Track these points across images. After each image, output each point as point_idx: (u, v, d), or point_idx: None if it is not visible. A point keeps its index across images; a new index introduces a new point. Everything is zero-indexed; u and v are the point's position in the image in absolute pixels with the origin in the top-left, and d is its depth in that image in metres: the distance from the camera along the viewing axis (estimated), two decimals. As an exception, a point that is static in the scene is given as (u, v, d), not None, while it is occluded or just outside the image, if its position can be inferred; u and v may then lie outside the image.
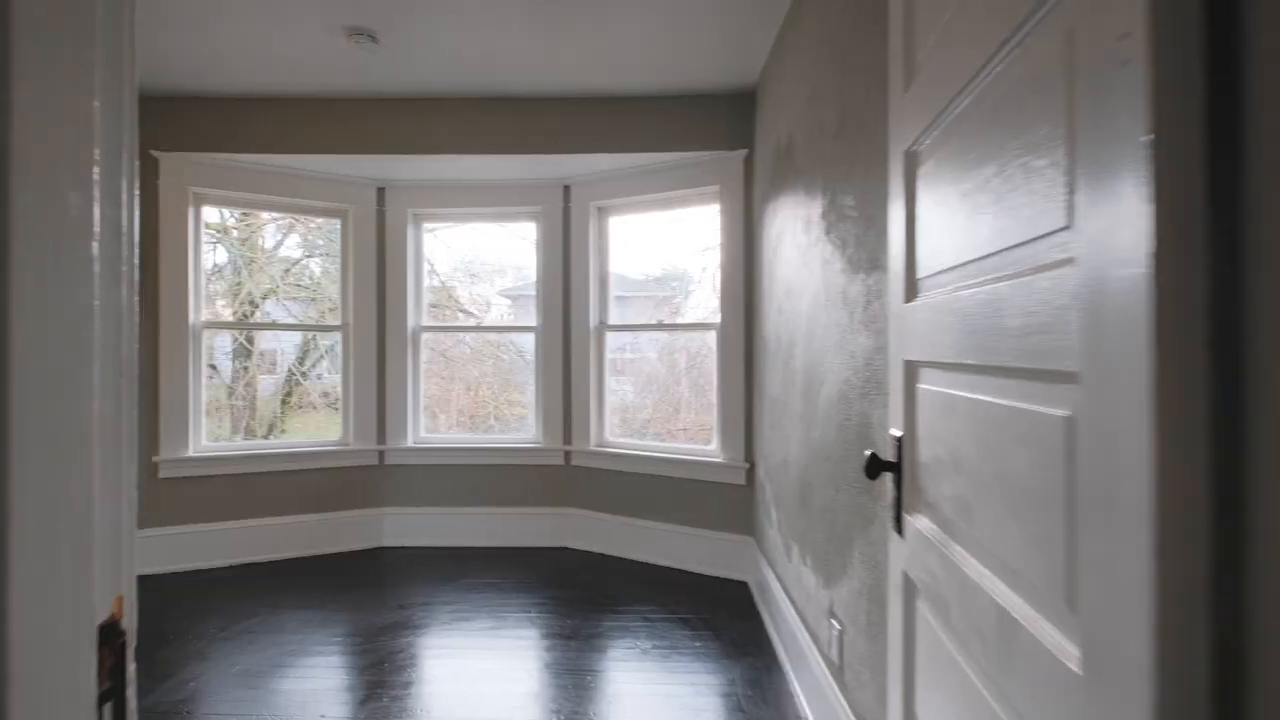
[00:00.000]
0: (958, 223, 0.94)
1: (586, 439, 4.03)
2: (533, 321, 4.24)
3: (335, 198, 4.03)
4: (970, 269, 0.90)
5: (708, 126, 3.58)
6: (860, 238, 1.80)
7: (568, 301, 4.11)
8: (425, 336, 4.29)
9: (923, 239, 1.09)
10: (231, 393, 4.39)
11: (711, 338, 3.84)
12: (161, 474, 3.67)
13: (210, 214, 4.13)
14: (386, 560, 3.92)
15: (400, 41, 3.00)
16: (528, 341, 4.32)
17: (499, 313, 4.82)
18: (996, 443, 0.83)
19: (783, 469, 2.75)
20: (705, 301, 4.12)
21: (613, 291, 4.15)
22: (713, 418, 3.80)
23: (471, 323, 4.68)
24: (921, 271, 1.10)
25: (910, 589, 1.15)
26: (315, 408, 4.66)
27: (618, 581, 3.57)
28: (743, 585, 3.51)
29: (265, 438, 4.47)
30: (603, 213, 4.09)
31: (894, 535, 1.21)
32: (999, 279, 0.81)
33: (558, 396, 4.11)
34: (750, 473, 3.54)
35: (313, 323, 4.46)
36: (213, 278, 4.24)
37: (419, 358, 4.24)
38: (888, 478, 1.48)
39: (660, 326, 4.05)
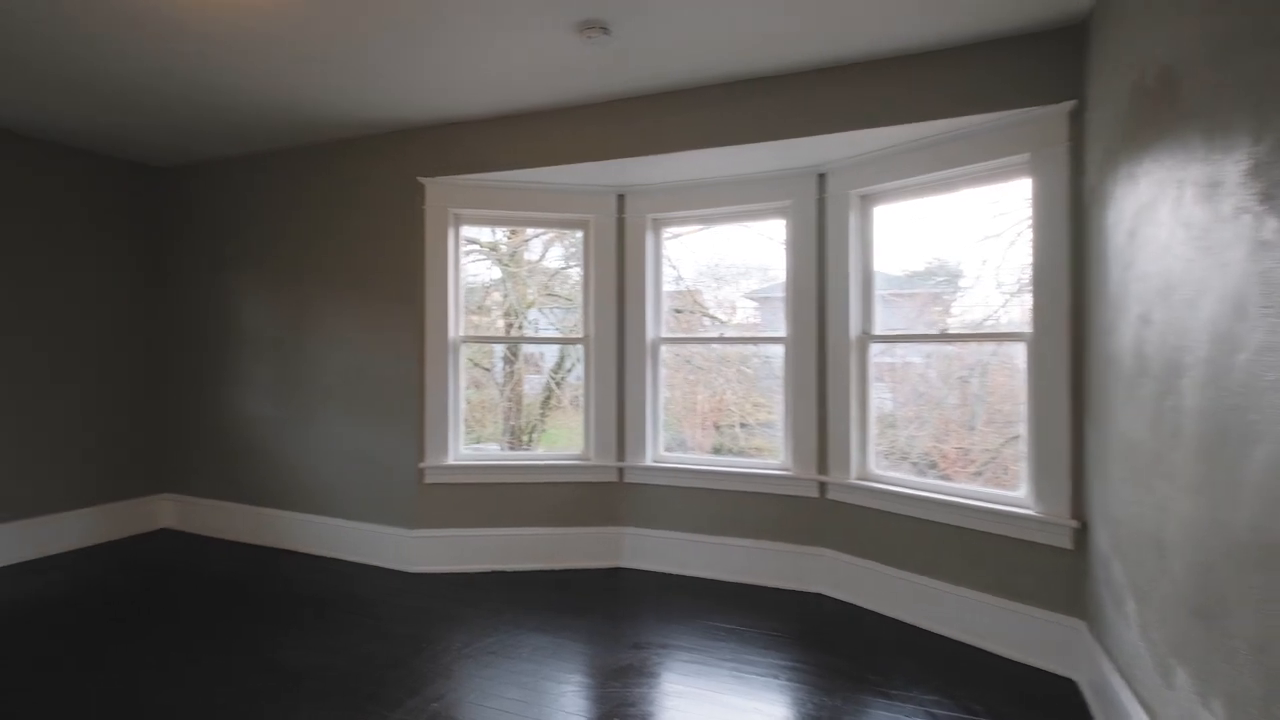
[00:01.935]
0: None
1: (845, 469, 3.41)
2: (781, 330, 3.74)
3: (577, 208, 3.95)
4: None
5: (1011, 79, 2.75)
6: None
7: (822, 308, 3.54)
8: (664, 349, 4.03)
9: None
10: (502, 392, 4.61)
11: (1016, 350, 2.97)
12: (426, 479, 3.90)
13: (481, 233, 4.34)
14: (624, 584, 3.72)
15: (633, 30, 2.71)
16: (776, 350, 3.82)
17: (745, 315, 4.40)
18: None
19: (1153, 550, 1.89)
20: (987, 299, 3.24)
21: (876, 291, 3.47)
22: (1019, 453, 2.94)
23: (715, 330, 4.32)
24: None
25: None
26: (566, 409, 4.74)
27: (888, 651, 2.90)
28: (1067, 684, 2.62)
29: (528, 437, 4.64)
30: (866, 202, 3.43)
31: None
32: None
33: (810, 418, 3.55)
34: (1081, 535, 2.63)
35: (570, 328, 4.48)
36: (489, 290, 4.48)
37: (658, 371, 3.99)
38: None
39: (944, 338, 3.27)
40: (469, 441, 4.14)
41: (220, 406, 4.58)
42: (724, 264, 4.29)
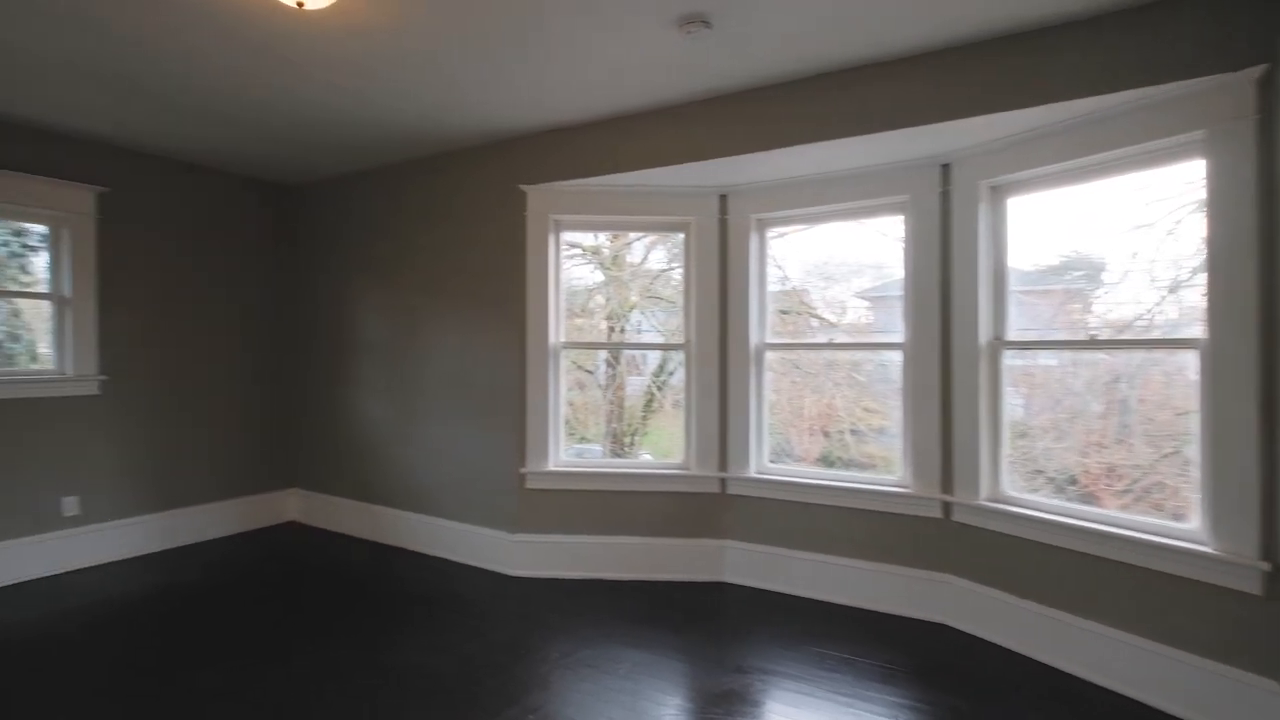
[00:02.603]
0: None
1: (973, 489, 3.09)
2: (898, 333, 3.46)
3: (677, 210, 3.84)
4: None
5: (1179, 44, 2.37)
6: None
7: (946, 311, 3.23)
8: (770, 354, 3.83)
9: None
10: (604, 394, 4.59)
11: (1186, 359, 2.57)
12: (527, 485, 3.91)
13: (583, 237, 4.34)
14: (726, 599, 3.56)
15: (736, 21, 2.57)
16: (892, 357, 3.54)
17: (856, 316, 4.13)
18: None
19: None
20: (1137, 296, 2.82)
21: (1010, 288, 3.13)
22: (1190, 478, 2.53)
23: (824, 333, 4.08)
24: None
25: None
26: (667, 411, 4.66)
27: (1027, 701, 2.57)
28: (1254, 757, 2.21)
29: (630, 439, 4.59)
30: (998, 193, 3.10)
31: None
32: None
33: (932, 432, 3.25)
34: (1273, 582, 2.22)
35: (673, 330, 4.39)
36: (592, 293, 4.49)
37: (763, 379, 3.81)
38: None
39: (1095, 344, 2.87)
40: (571, 442, 4.14)
41: (340, 408, 4.83)
42: (833, 262, 4.04)
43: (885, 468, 3.66)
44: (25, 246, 3.97)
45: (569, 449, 4.08)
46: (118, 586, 3.74)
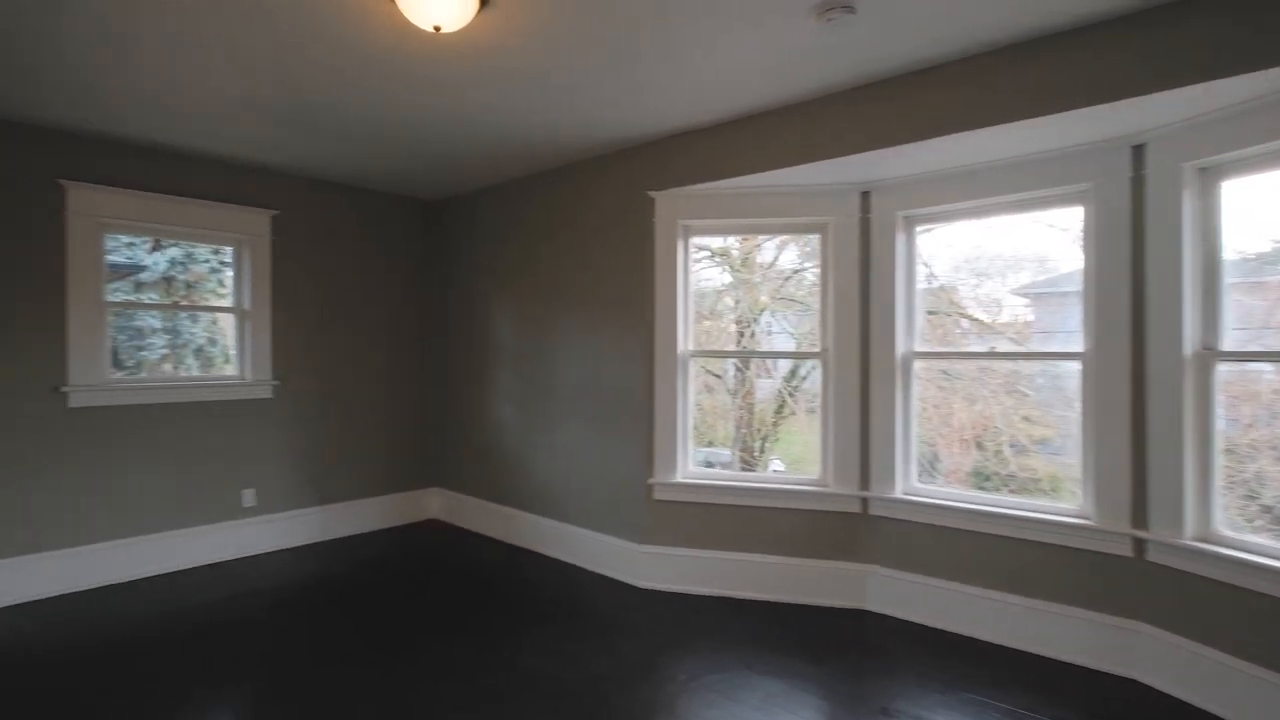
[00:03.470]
0: None
1: (1175, 526, 2.62)
2: (1064, 335, 3.03)
3: (814, 210, 3.61)
4: None
5: None
6: None
7: (1139, 315, 2.77)
8: (918, 363, 3.50)
9: None
10: (733, 399, 4.46)
11: None
12: (655, 496, 3.84)
13: (711, 239, 4.22)
14: (867, 629, 3.28)
15: (883, 1, 2.33)
16: (1067, 366, 3.11)
17: (1013, 314, 3.69)
18: None
19: None
20: None
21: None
22: None
23: (976, 335, 3.67)
24: None
25: None
26: (800, 417, 4.43)
27: (1249, 785, 2.12)
28: None
29: (760, 445, 4.43)
30: (1208, 176, 2.61)
31: None
32: None
33: (1121, 456, 2.80)
34: None
35: (806, 333, 4.18)
36: (720, 295, 4.40)
37: (910, 390, 3.48)
38: None
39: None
40: (699, 445, 4.03)
41: (477, 411, 5.03)
42: (985, 256, 3.64)
43: (1053, 488, 3.23)
44: (222, 263, 4.49)
45: (696, 453, 3.96)
46: (284, 574, 4.09)
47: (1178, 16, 2.31)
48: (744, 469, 4.25)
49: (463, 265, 5.16)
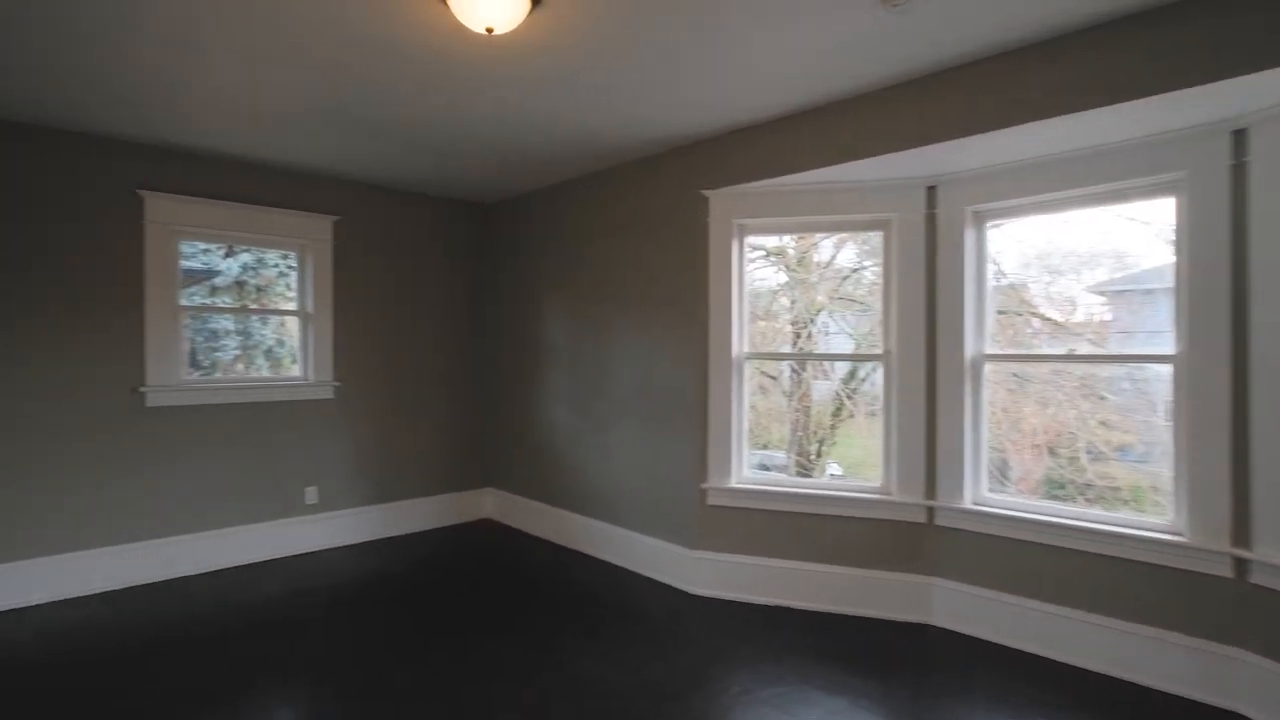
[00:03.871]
0: None
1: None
2: (1145, 334, 2.81)
3: (875, 207, 3.47)
4: None
5: None
6: None
7: (1240, 316, 2.54)
8: (989, 367, 3.32)
9: None
10: (789, 401, 4.34)
11: None
12: (708, 501, 3.75)
13: (766, 239, 4.13)
14: (932, 645, 3.12)
15: (961, -23, 2.20)
16: (1150, 371, 2.89)
17: (1088, 313, 3.46)
18: None
19: None
20: None
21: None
22: None
23: (1050, 336, 3.46)
24: None
25: None
26: (859, 419, 4.28)
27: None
28: None
29: (817, 449, 4.30)
30: (1321, 160, 2.37)
31: None
32: None
33: (1221, 468, 2.58)
34: None
35: (865, 334, 4.04)
36: (776, 294, 4.30)
37: (980, 395, 3.30)
38: None
39: None
40: (753, 448, 3.92)
41: (530, 413, 5.05)
42: (1057, 252, 3.43)
43: (1135, 498, 3.00)
44: (290, 268, 4.64)
45: (751, 455, 3.86)
46: (343, 570, 4.18)
47: (1289, -14, 2.10)
48: (800, 473, 4.12)
49: (514, 267, 5.19)
